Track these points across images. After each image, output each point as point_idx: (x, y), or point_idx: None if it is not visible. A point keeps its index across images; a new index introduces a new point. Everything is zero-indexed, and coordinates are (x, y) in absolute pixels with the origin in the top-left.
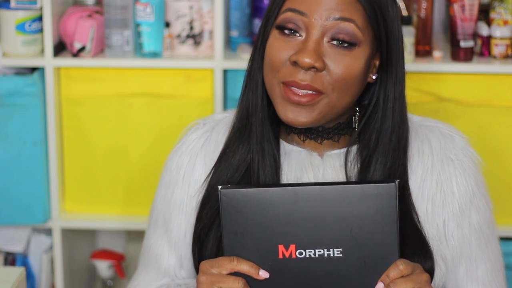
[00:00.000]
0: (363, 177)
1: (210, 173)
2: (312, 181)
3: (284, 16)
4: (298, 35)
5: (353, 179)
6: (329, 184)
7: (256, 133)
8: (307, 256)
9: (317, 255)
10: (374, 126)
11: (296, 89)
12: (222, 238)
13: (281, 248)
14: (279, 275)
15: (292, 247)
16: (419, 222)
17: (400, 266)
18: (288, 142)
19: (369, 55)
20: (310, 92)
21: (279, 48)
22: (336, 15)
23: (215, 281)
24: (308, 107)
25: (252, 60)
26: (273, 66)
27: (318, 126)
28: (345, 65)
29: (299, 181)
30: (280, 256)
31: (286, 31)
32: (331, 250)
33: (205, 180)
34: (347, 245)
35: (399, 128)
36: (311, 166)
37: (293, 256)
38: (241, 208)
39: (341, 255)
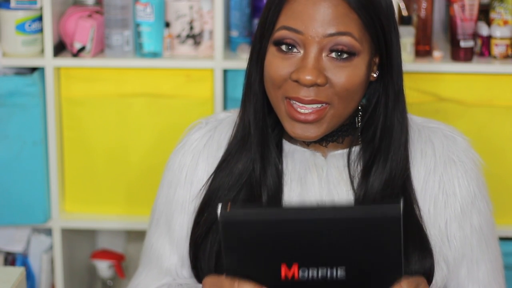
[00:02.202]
0: (366, 175)
1: (209, 178)
2: (316, 181)
3: (279, 34)
4: (296, 51)
5: (357, 178)
6: (332, 211)
7: (258, 144)
8: (310, 277)
9: (320, 276)
10: (377, 123)
11: (301, 105)
12: (223, 257)
13: (283, 267)
14: None
15: (295, 266)
16: (421, 217)
17: (404, 287)
18: (292, 143)
19: (369, 59)
20: (315, 106)
21: (278, 65)
22: (332, 30)
23: None
24: (315, 123)
25: (249, 75)
26: (274, 83)
27: None
28: (346, 76)
29: (303, 181)
30: (283, 277)
31: (284, 48)
32: (334, 269)
33: (204, 185)
34: (350, 265)
35: (400, 123)
36: (315, 166)
37: (296, 277)
38: (242, 230)
39: (344, 274)
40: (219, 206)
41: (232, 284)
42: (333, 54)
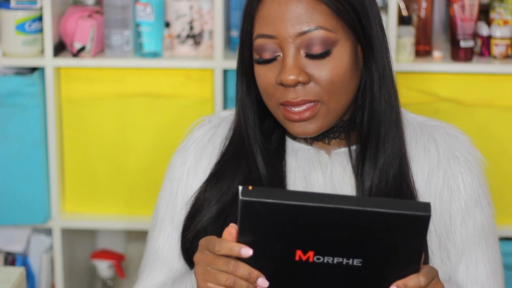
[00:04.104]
0: (363, 158)
1: (202, 186)
2: (320, 178)
3: (256, 44)
4: (276, 56)
5: (357, 169)
6: (360, 202)
7: (255, 149)
8: (325, 262)
9: (335, 262)
10: (364, 107)
11: (293, 108)
12: (237, 235)
13: (298, 252)
14: (292, 276)
15: (311, 253)
16: (416, 194)
17: (421, 280)
18: (295, 141)
19: (351, 46)
20: (307, 105)
21: (264, 74)
22: (303, 29)
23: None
24: (310, 119)
25: (237, 86)
26: (267, 92)
27: None
28: (329, 69)
29: (307, 178)
30: (297, 259)
31: (262, 59)
32: (351, 259)
33: (196, 191)
34: (368, 257)
35: (388, 102)
36: (319, 164)
37: (310, 260)
38: (262, 210)
39: (360, 265)
40: (240, 188)
41: (226, 265)
42: (311, 54)
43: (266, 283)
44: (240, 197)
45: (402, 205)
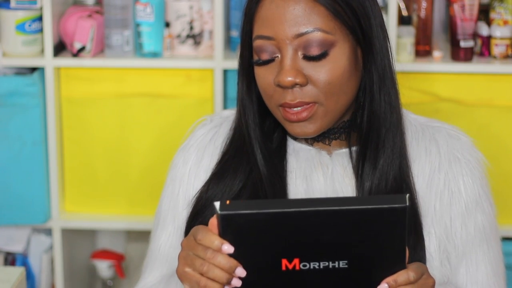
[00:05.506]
0: (363, 159)
1: (204, 186)
2: (321, 179)
3: (255, 45)
4: (274, 57)
5: (357, 170)
6: (336, 202)
7: (256, 150)
8: (311, 268)
9: (321, 267)
10: (364, 108)
11: (291, 109)
12: None
13: (284, 261)
14: (281, 286)
15: (296, 260)
16: (416, 202)
17: (411, 275)
18: (296, 141)
19: (349, 47)
20: (304, 106)
21: (263, 75)
22: (300, 30)
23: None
24: (309, 119)
25: (238, 86)
26: (266, 93)
27: None
28: (326, 71)
29: (308, 179)
30: (283, 268)
31: (261, 61)
32: (336, 262)
33: (198, 192)
34: (353, 257)
35: (388, 103)
36: (320, 165)
37: (297, 268)
38: (241, 223)
39: (346, 266)
40: (218, 203)
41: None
42: (308, 56)
43: (244, 273)
44: (219, 212)
45: (379, 200)
